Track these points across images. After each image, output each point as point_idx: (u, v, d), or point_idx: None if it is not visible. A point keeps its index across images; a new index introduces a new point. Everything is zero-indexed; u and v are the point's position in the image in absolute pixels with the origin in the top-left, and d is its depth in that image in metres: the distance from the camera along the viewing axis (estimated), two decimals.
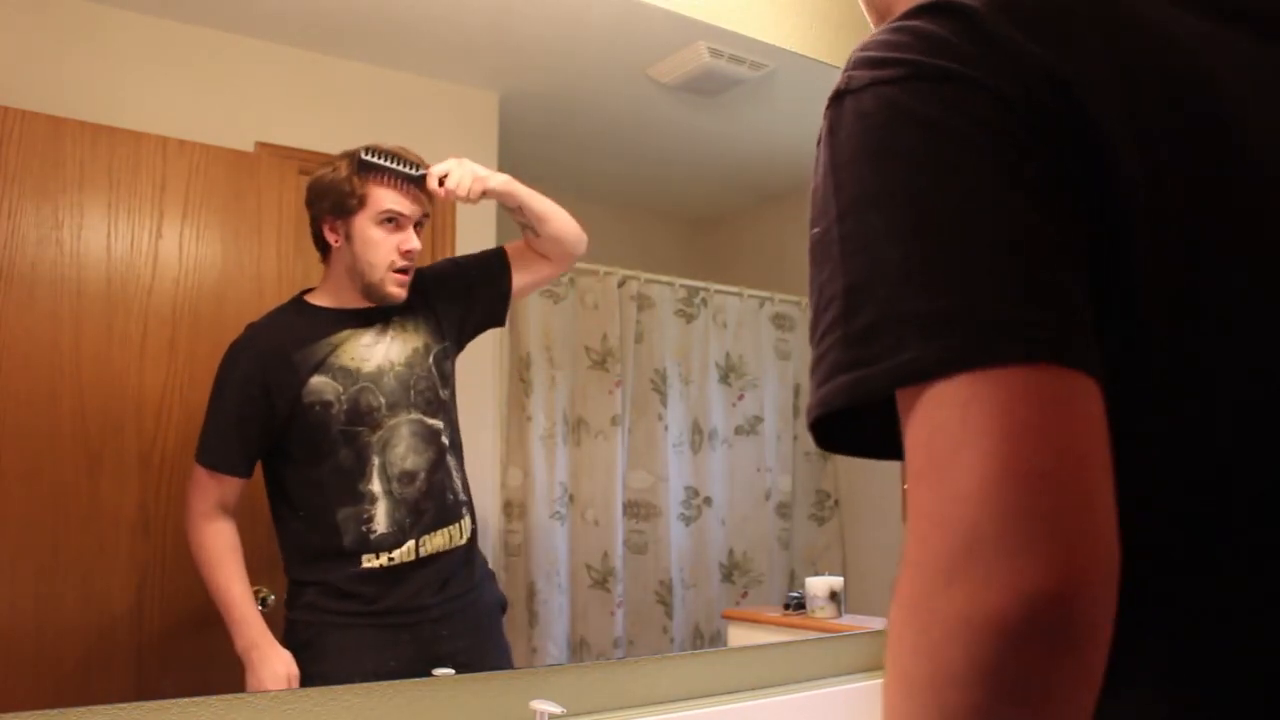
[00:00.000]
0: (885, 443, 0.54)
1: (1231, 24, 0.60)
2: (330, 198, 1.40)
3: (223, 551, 1.29)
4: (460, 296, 1.54)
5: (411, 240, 1.44)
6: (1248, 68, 0.58)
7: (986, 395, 0.46)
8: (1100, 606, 0.44)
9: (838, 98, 0.56)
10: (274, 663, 1.28)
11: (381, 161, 1.42)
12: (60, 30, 1.25)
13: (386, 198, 1.42)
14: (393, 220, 1.43)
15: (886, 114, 0.53)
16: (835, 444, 0.57)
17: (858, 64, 0.56)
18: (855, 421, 0.54)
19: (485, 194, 1.51)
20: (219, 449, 1.31)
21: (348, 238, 1.41)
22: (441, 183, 1.46)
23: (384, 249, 1.42)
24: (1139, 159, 0.52)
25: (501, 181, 1.53)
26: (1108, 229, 0.51)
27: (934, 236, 0.50)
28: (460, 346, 1.53)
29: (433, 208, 1.48)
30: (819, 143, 0.57)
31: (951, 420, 0.46)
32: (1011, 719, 0.44)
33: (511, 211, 1.56)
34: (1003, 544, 0.44)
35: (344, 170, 1.41)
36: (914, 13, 0.55)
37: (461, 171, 1.48)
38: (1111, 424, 0.48)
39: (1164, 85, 0.54)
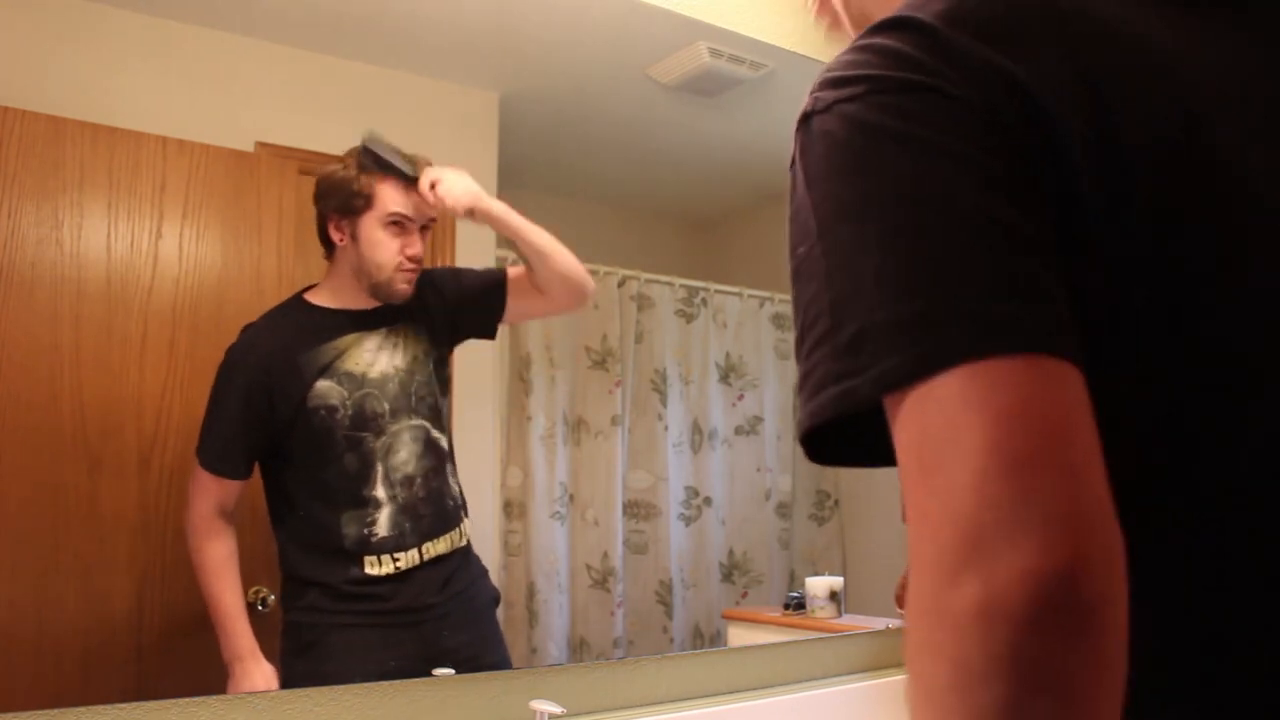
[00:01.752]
0: (877, 452, 0.55)
1: (1194, 8, 0.60)
2: (337, 196, 1.40)
3: (219, 561, 1.29)
4: (457, 304, 1.53)
5: (416, 245, 1.44)
6: (1215, 52, 0.59)
7: (968, 390, 0.47)
8: (1106, 582, 0.44)
9: (804, 120, 0.58)
10: (255, 678, 1.27)
11: (380, 152, 1.41)
12: (60, 30, 1.25)
13: (394, 200, 1.42)
14: (398, 223, 1.43)
15: (849, 131, 0.54)
16: (828, 456, 0.57)
17: (822, 85, 0.57)
18: (848, 433, 0.54)
19: (474, 212, 1.49)
20: (221, 452, 1.30)
21: (353, 238, 1.41)
22: (433, 186, 1.45)
23: (389, 251, 1.42)
24: (1100, 159, 0.52)
25: (497, 208, 1.51)
26: (1073, 228, 0.52)
27: (905, 242, 0.50)
28: (450, 348, 1.53)
29: (437, 212, 1.48)
30: (791, 166, 0.59)
31: (937, 419, 0.47)
32: (1040, 710, 0.43)
33: (510, 243, 1.56)
34: (1001, 531, 0.44)
35: (353, 169, 1.41)
36: (874, 30, 0.57)
37: (455, 182, 1.47)
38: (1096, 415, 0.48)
39: (1123, 84, 0.55)
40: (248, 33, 1.39)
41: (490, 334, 1.58)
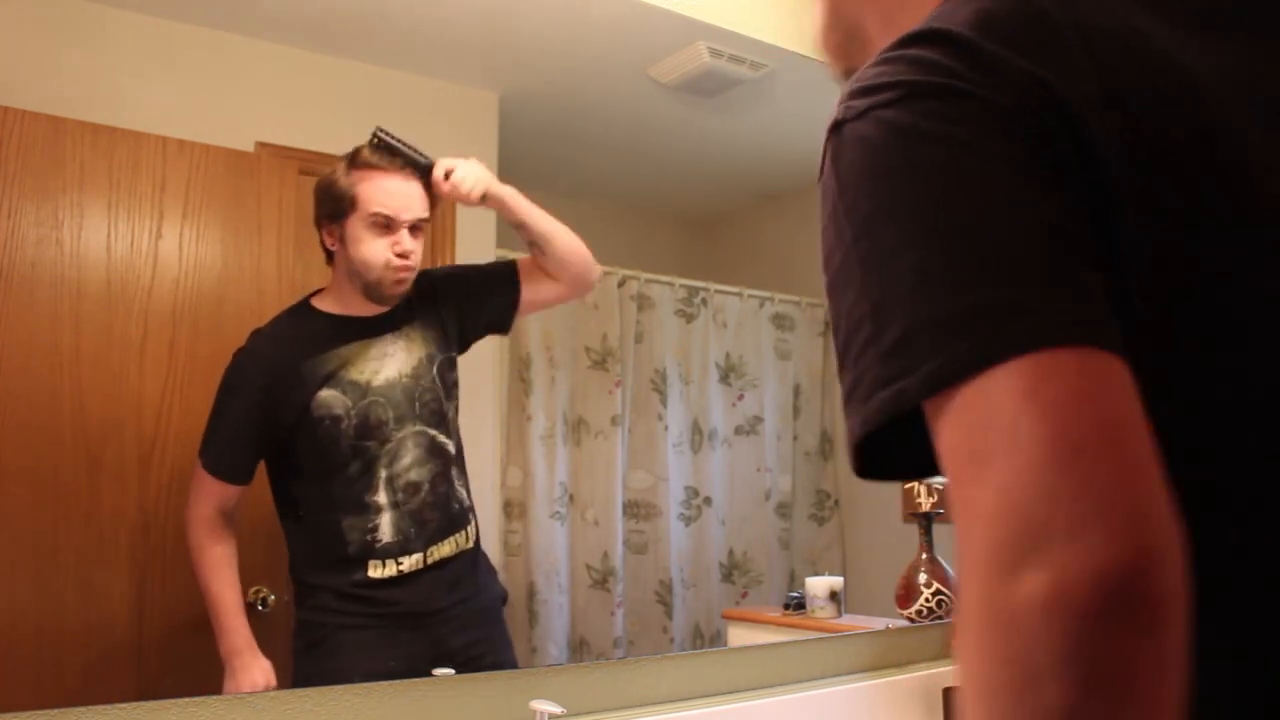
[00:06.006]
0: (924, 464, 0.54)
1: (1202, 30, 0.61)
2: (326, 203, 1.40)
3: (218, 559, 1.29)
4: (467, 299, 1.53)
5: (404, 242, 1.43)
6: (1222, 68, 0.59)
7: (1021, 382, 0.46)
8: (1172, 577, 0.43)
9: (835, 128, 0.57)
10: (254, 672, 1.27)
11: (392, 141, 1.42)
12: (60, 30, 1.25)
13: (375, 199, 1.41)
14: (382, 223, 1.41)
15: (887, 134, 0.53)
16: (877, 470, 0.56)
17: (852, 94, 0.56)
18: (894, 445, 0.53)
19: (486, 197, 1.51)
20: (222, 456, 1.30)
21: (343, 241, 1.41)
22: (448, 175, 1.46)
23: (376, 249, 1.41)
24: (1130, 167, 0.52)
25: (506, 191, 1.53)
26: (1107, 233, 0.52)
27: (948, 238, 0.50)
28: (464, 348, 1.53)
29: (434, 212, 1.47)
30: (820, 177, 0.58)
31: (989, 414, 0.46)
32: (1102, 713, 0.42)
33: (515, 227, 1.56)
34: (1063, 524, 0.42)
35: (339, 171, 1.41)
36: (902, 43, 0.57)
37: (469, 170, 1.49)
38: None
39: (1147, 96, 0.55)
40: (248, 33, 1.39)
41: (505, 328, 1.60)
